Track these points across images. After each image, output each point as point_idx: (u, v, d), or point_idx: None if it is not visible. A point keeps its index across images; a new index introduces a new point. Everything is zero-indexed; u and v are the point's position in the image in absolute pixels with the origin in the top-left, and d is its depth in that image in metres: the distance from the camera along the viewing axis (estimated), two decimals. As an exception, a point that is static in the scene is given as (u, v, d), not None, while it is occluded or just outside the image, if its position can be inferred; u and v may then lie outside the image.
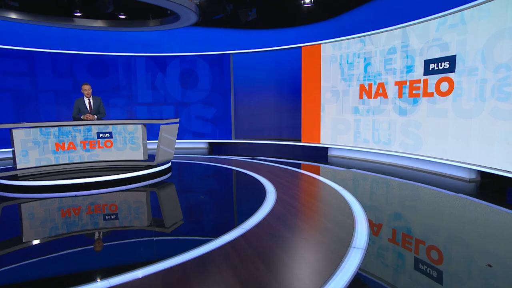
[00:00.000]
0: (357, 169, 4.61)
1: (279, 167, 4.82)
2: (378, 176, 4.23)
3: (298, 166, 5.10)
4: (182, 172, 4.72)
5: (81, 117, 4.38)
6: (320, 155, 5.91)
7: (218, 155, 6.15)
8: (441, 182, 3.80)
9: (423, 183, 3.77)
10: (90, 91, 4.44)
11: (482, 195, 3.29)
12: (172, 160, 4.78)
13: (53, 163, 4.13)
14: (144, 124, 4.44)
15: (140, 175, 4.02)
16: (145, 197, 3.47)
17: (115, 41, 7.13)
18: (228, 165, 4.98)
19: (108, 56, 6.74)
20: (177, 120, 4.56)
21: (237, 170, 4.58)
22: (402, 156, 4.60)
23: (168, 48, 7.33)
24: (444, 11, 3.93)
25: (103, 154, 4.34)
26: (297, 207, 2.94)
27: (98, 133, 4.28)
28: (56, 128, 4.13)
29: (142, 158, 4.38)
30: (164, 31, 7.35)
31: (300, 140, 6.24)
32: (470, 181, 3.75)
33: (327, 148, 5.94)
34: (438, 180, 3.87)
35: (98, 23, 6.70)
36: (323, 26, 6.90)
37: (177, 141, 4.77)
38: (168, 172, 4.44)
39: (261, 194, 3.30)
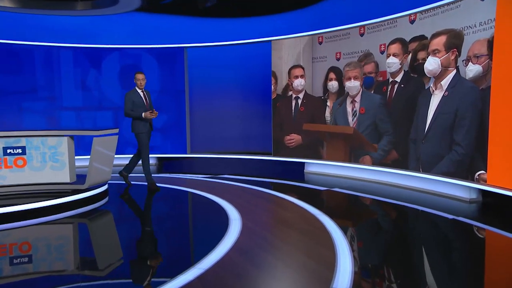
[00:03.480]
0: (340, 189, 4.75)
1: (246, 187, 4.86)
2: (364, 197, 4.41)
3: (269, 185, 5.17)
4: (122, 196, 4.64)
5: (142, 115, 4.51)
6: (295, 171, 6.03)
7: (170, 173, 6.15)
8: (437, 202, 4.00)
9: (416, 204, 3.97)
10: (144, 82, 4.64)
11: (485, 218, 3.53)
12: (109, 182, 4.62)
13: None
14: (72, 136, 4.29)
15: (64, 203, 3.86)
16: (71, 232, 3.36)
17: (32, 26, 6.82)
18: (182, 186, 4.95)
19: (21, 46, 6.42)
20: (116, 130, 4.49)
21: (193, 193, 4.58)
22: (391, 172, 4.82)
23: (104, 39, 7.15)
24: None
25: (12, 176, 4.07)
26: (267, 238, 2.97)
27: (4, 149, 4.02)
28: None
29: (68, 180, 4.19)
30: (99, 17, 7.17)
31: (271, 154, 6.32)
32: (470, 201, 3.97)
33: (303, 163, 6.06)
34: (433, 201, 4.07)
35: (6, 3, 6.37)
36: (299, 15, 7.15)
37: (116, 156, 4.65)
38: (104, 197, 4.34)
39: (223, 222, 3.31)
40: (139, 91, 4.66)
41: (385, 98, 4.86)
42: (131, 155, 5.19)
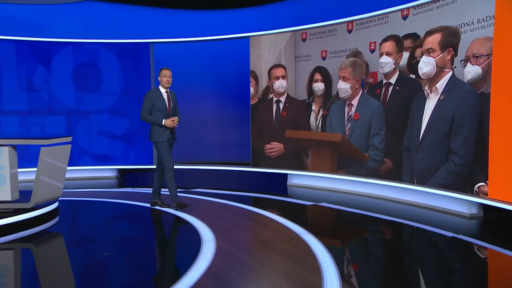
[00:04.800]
0: (327, 204, 4.78)
1: (221, 203, 4.84)
2: (355, 213, 4.44)
3: (248, 201, 5.17)
4: (76, 215, 4.55)
5: (165, 121, 4.28)
6: (277, 184, 6.05)
7: (133, 187, 6.07)
8: (435, 218, 4.08)
9: (412, 220, 4.03)
10: (170, 80, 4.36)
11: (487, 236, 3.61)
12: (60, 198, 4.52)
13: None
14: (14, 146, 4.16)
15: (4, 225, 3.72)
16: (12, 260, 3.24)
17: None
18: (148, 202, 4.87)
19: None
20: (70, 138, 4.40)
21: (161, 210, 4.53)
22: (384, 185, 4.89)
23: (54, 31, 7.00)
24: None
25: None
26: (244, 262, 2.95)
27: None
28: None
29: (9, 198, 4.06)
30: (49, 6, 7.03)
31: (250, 165, 6.33)
32: (470, 217, 4.05)
33: (286, 175, 6.09)
34: (430, 216, 4.15)
35: None
36: (281, 8, 7.23)
37: (69, 168, 4.58)
38: (54, 217, 4.24)
39: (195, 244, 3.28)
40: (163, 91, 4.35)
41: (382, 104, 4.93)
42: (90, 167, 5.04)
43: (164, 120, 4.30)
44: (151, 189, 4.61)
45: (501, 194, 3.72)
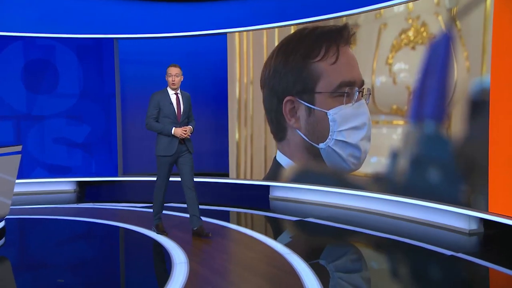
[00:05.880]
0: (314, 219, 4.80)
1: (195, 220, 4.81)
2: (345, 229, 4.46)
3: (225, 216, 5.16)
4: (25, 236, 4.48)
5: (175, 131, 3.94)
6: (259, 197, 6.07)
7: (94, 202, 6.04)
8: (432, 235, 4.13)
9: (407, 237, 4.07)
10: (178, 80, 4.02)
11: (489, 255, 3.65)
12: (7, 217, 4.47)
13: None
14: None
15: None
16: None
17: None
18: (111, 219, 4.85)
19: None
20: (19, 147, 4.32)
21: (126, 228, 4.48)
22: (376, 198, 4.94)
23: (1, 23, 6.87)
24: None
25: None
26: (221, 287, 2.92)
27: None
28: None
29: None
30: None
31: (227, 175, 6.34)
32: (470, 233, 4.12)
33: (268, 187, 6.10)
34: (428, 233, 4.21)
35: None
36: (264, 1, 7.25)
37: (17, 182, 4.50)
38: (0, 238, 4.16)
39: (165, 267, 3.28)
40: (171, 93, 4.06)
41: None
42: (43, 179, 4.91)
43: (174, 128, 3.97)
44: (120, 204, 4.53)
45: (502, 208, 3.78)
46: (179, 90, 4.10)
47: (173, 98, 4.06)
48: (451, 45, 4.19)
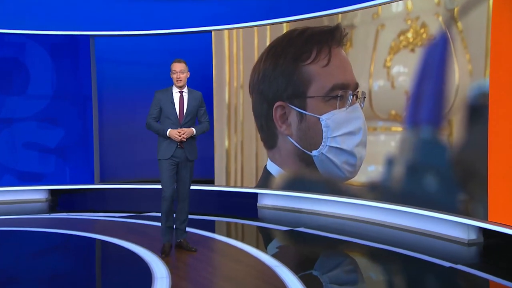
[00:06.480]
0: (306, 229, 4.79)
1: (178, 230, 4.78)
2: (338, 239, 4.47)
3: (210, 226, 5.14)
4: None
5: (169, 132, 3.77)
6: (246, 205, 6.07)
7: (68, 212, 5.97)
8: (430, 245, 4.15)
9: (403, 248, 4.08)
10: (184, 76, 3.89)
11: (489, 266, 3.67)
12: None
13: None
14: None
15: None
16: None
17: None
18: (87, 231, 4.80)
19: None
20: None
21: (103, 240, 4.45)
22: (371, 206, 4.95)
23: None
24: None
25: None
26: (205, 305, 2.92)
27: None
28: None
29: None
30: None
31: (213, 182, 6.33)
32: (469, 243, 4.14)
33: (256, 195, 6.09)
34: (425, 243, 4.23)
35: None
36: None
37: None
38: None
39: (145, 282, 3.23)
40: (175, 91, 3.93)
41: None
42: (13, 188, 4.80)
43: (169, 130, 3.83)
44: (97, 214, 4.47)
45: (503, 217, 3.79)
46: (185, 88, 3.96)
47: (176, 97, 3.92)
48: (452, 47, 4.20)
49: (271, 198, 5.95)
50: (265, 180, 5.84)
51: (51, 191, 6.86)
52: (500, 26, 3.79)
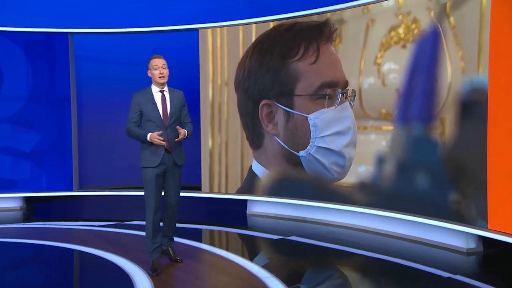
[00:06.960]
0: (298, 237, 4.80)
1: (162, 240, 4.76)
2: (331, 249, 4.48)
3: (197, 235, 5.15)
4: None
5: (150, 136, 3.58)
6: (235, 212, 6.09)
7: (45, 221, 5.95)
8: (428, 255, 4.16)
9: (400, 257, 4.09)
10: (167, 72, 3.80)
11: (489, 276, 3.67)
12: None
13: None
14: None
15: None
16: None
17: None
18: (64, 241, 4.80)
19: None
20: None
21: (81, 251, 4.46)
22: (366, 213, 4.95)
23: None
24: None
25: None
26: (190, 320, 2.92)
27: None
28: None
29: None
30: None
31: (200, 189, 6.32)
32: (468, 252, 4.15)
33: (245, 202, 6.08)
34: (423, 252, 4.24)
35: None
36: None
37: None
38: None
39: None
40: (156, 91, 3.81)
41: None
42: None
43: (149, 134, 3.63)
44: (76, 223, 4.43)
45: (503, 224, 3.81)
46: (166, 87, 3.87)
47: (158, 97, 3.79)
48: (445, 43, 4.25)
49: (262, 205, 5.93)
50: (250, 181, 5.83)
51: (26, 198, 6.79)
52: (499, 23, 3.82)
